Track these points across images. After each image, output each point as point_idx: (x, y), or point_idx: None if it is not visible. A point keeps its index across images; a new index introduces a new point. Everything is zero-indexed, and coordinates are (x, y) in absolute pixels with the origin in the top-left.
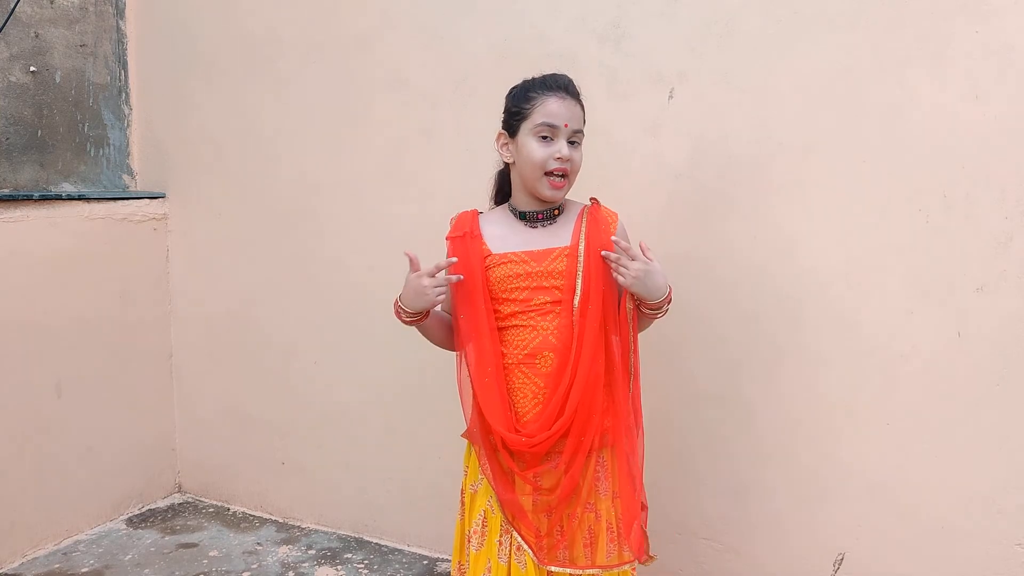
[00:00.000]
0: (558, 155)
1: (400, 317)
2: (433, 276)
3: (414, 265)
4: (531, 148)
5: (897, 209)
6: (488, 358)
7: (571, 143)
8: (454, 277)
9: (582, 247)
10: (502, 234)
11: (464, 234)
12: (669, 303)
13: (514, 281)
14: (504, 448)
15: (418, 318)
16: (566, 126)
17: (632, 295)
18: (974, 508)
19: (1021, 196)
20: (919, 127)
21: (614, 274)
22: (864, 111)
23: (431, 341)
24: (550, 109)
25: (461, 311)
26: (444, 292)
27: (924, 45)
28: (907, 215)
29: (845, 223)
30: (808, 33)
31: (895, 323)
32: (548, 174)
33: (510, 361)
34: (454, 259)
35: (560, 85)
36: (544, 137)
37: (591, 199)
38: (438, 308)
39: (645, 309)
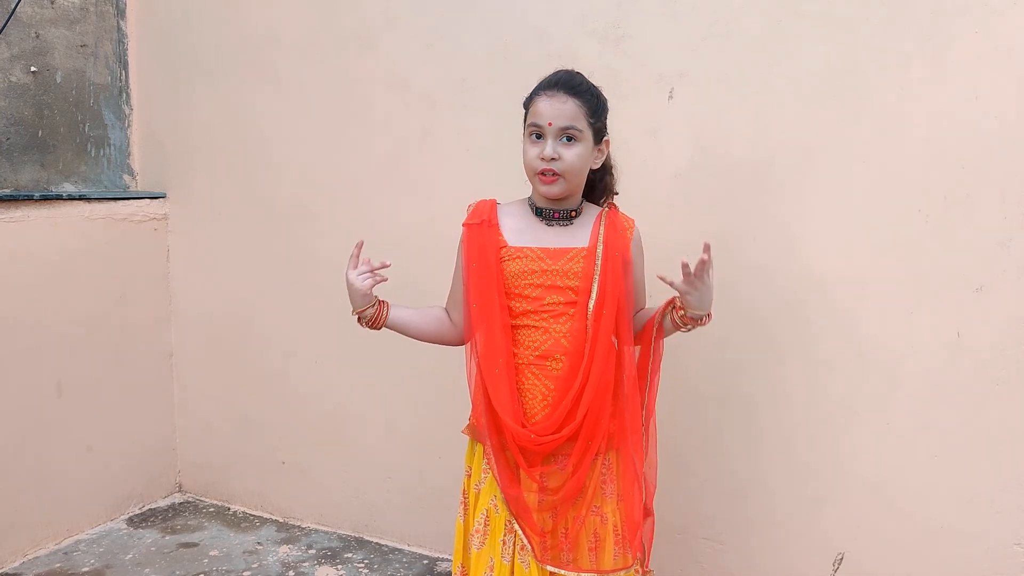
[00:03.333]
0: (542, 155)
1: (360, 323)
2: (356, 267)
3: (352, 261)
4: (525, 149)
5: (897, 209)
6: (498, 350)
7: (567, 139)
8: (377, 263)
9: (600, 249)
10: (519, 228)
11: (481, 222)
12: (709, 318)
13: (527, 278)
14: (512, 443)
15: (370, 320)
16: (550, 124)
17: (677, 306)
18: (973, 508)
19: (1021, 196)
20: (919, 127)
21: (692, 279)
22: (864, 111)
23: (423, 340)
24: (537, 109)
25: (473, 300)
26: (369, 279)
27: (924, 45)
28: (907, 215)
29: (845, 223)
30: (808, 33)
31: (895, 323)
32: (539, 173)
33: (520, 361)
34: (388, 262)
35: (552, 82)
36: (536, 136)
37: (609, 203)
38: (433, 311)
39: (685, 320)
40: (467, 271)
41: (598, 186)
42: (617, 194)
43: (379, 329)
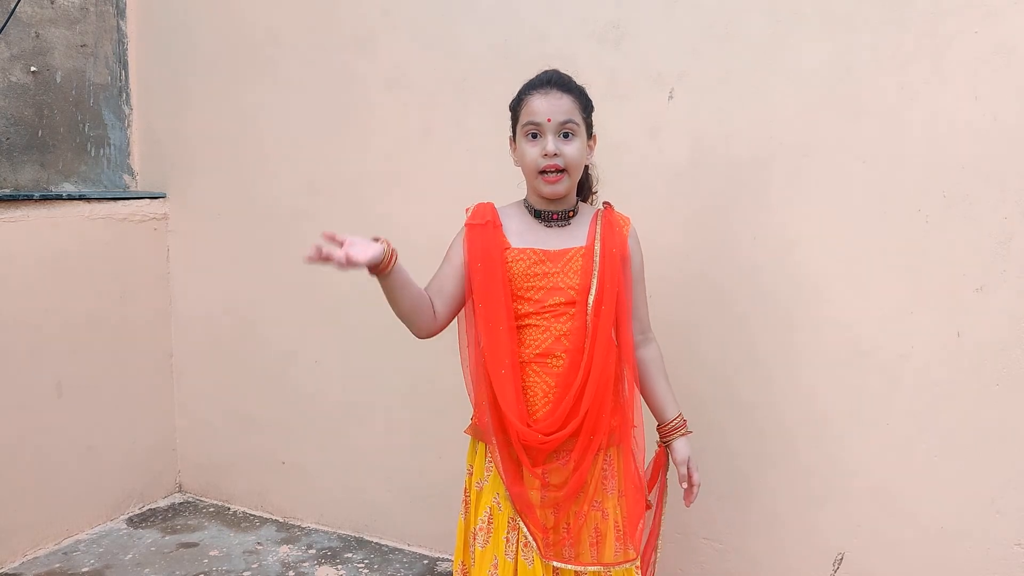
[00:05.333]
0: (544, 152)
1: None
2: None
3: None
4: (523, 149)
5: (897, 209)
6: (504, 350)
7: (565, 135)
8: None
9: (598, 247)
10: (519, 230)
11: (486, 222)
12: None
13: (530, 280)
14: (517, 441)
15: (385, 263)
16: (549, 121)
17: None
18: (973, 508)
19: (1021, 196)
20: (919, 127)
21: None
22: (864, 111)
23: (405, 308)
24: (532, 107)
25: (480, 300)
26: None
27: (924, 45)
28: (907, 215)
29: (845, 223)
30: (808, 33)
31: (895, 323)
32: (542, 172)
33: (522, 359)
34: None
35: (543, 80)
36: (533, 136)
37: (604, 203)
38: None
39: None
40: (471, 271)
41: (584, 183)
42: (596, 192)
43: (387, 273)
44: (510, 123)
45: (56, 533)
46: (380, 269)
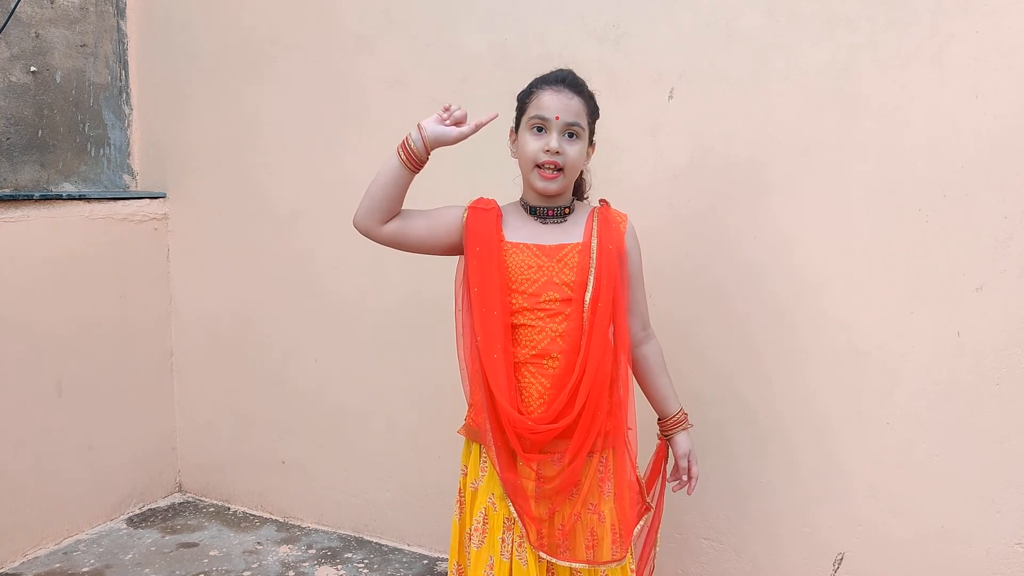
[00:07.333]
0: (547, 147)
1: (402, 147)
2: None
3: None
4: (525, 141)
5: (897, 209)
6: (497, 337)
7: (570, 135)
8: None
9: (594, 243)
10: (515, 225)
11: (489, 209)
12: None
13: (524, 273)
14: (510, 429)
15: (417, 158)
16: (557, 118)
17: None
18: (974, 508)
19: (1021, 196)
20: (919, 127)
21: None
22: (864, 111)
23: (378, 194)
24: (542, 102)
25: (475, 283)
26: (462, 121)
27: (924, 45)
28: (907, 215)
29: (845, 223)
30: (808, 33)
31: (895, 323)
32: (539, 166)
33: (518, 359)
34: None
35: (557, 78)
36: (538, 129)
37: (600, 200)
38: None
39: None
40: (469, 254)
41: (577, 187)
42: (588, 199)
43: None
44: (515, 114)
45: (56, 533)
46: (422, 159)
